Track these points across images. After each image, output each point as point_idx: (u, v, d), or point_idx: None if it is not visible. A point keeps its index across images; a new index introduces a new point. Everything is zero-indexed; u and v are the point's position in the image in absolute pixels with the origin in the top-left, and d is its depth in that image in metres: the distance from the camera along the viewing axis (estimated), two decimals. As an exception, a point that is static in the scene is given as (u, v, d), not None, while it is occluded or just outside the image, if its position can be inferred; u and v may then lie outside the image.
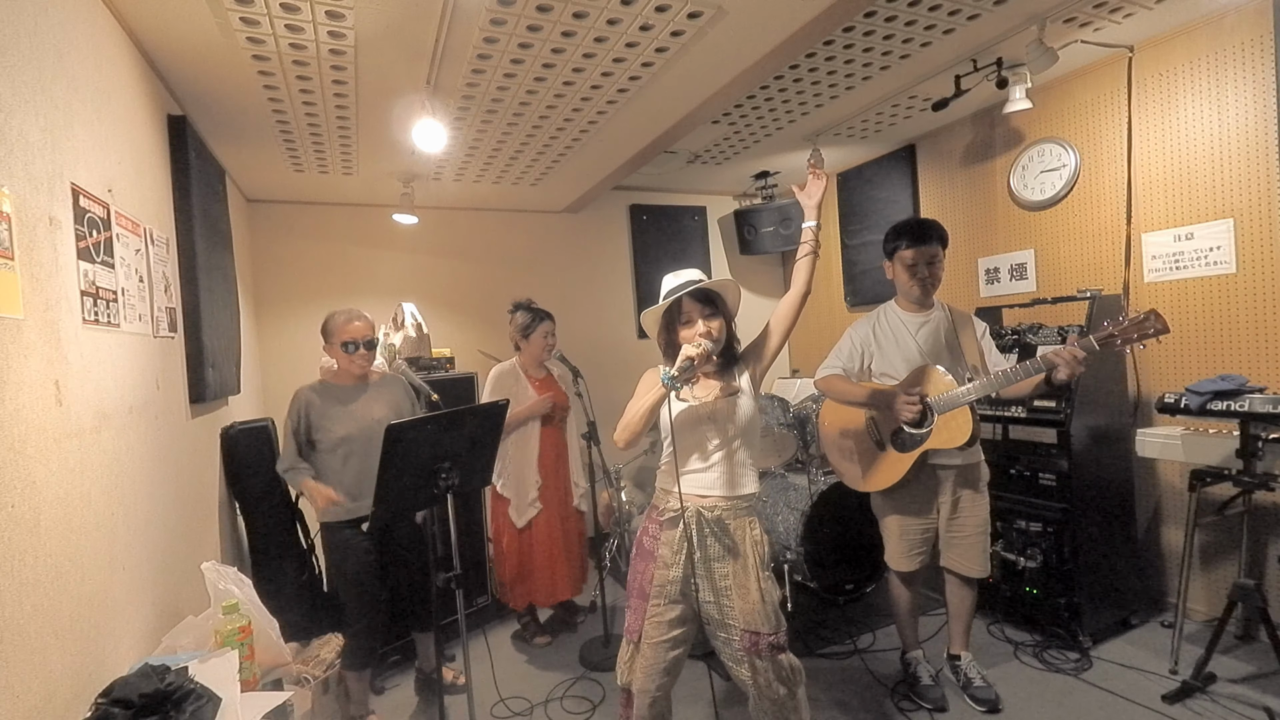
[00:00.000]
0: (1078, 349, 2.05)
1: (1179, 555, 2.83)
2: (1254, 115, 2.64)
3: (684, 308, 1.79)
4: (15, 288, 1.15)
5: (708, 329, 1.76)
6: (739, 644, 1.75)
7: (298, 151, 3.22)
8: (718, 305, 1.80)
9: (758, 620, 1.73)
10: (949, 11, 2.47)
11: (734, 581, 1.76)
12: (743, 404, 1.82)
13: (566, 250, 4.85)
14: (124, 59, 1.95)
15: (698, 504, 1.78)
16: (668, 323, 1.84)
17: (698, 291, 1.77)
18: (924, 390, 2.28)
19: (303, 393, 2.45)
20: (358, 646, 2.46)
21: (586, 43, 2.29)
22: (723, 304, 1.82)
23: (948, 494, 2.39)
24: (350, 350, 2.43)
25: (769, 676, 1.75)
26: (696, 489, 1.80)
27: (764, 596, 1.75)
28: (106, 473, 1.51)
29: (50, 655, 1.17)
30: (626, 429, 1.78)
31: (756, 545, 1.78)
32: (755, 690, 1.78)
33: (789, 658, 1.78)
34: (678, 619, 1.78)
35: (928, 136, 4.03)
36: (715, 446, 1.80)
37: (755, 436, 1.86)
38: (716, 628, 1.79)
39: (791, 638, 3.02)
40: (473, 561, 3.39)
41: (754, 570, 1.76)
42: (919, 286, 2.39)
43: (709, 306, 1.79)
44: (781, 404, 3.45)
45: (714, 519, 1.78)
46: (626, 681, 1.82)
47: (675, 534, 1.78)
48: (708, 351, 1.71)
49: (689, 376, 1.70)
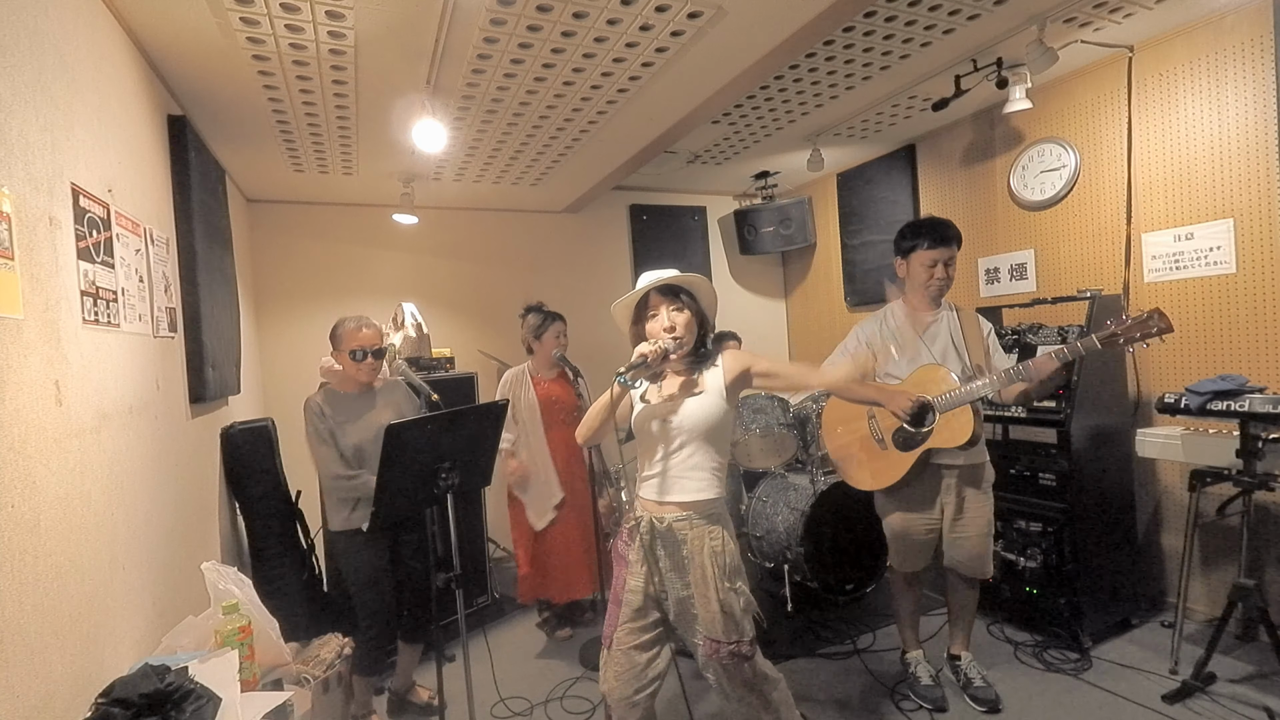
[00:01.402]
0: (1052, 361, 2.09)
1: (1179, 555, 2.83)
2: (1254, 115, 2.64)
3: (650, 301, 1.76)
4: (15, 288, 1.15)
5: (672, 323, 1.72)
6: (701, 650, 1.73)
7: (298, 151, 3.22)
8: (685, 300, 1.76)
9: (716, 629, 1.69)
10: (949, 11, 2.47)
11: (695, 591, 1.72)
12: (695, 404, 1.74)
13: (566, 250, 4.85)
14: (124, 59, 1.95)
15: (653, 511, 1.75)
16: (637, 318, 1.82)
17: (665, 286, 1.75)
18: (927, 389, 2.28)
19: (313, 402, 2.41)
20: (369, 651, 2.44)
21: (586, 43, 2.29)
22: (692, 300, 1.77)
23: (952, 494, 2.38)
24: (359, 358, 2.41)
25: (732, 683, 1.73)
26: (651, 494, 1.77)
27: (723, 607, 1.69)
28: (106, 473, 1.51)
29: (50, 655, 1.17)
30: (584, 425, 1.78)
31: (715, 555, 1.70)
32: (722, 695, 1.77)
33: (754, 665, 1.74)
34: (649, 624, 1.75)
35: (928, 136, 4.03)
36: (667, 450, 1.75)
37: (718, 438, 1.77)
38: (686, 633, 1.77)
39: (791, 637, 3.06)
40: (473, 562, 3.39)
41: (713, 581, 1.69)
42: (936, 287, 2.38)
43: (676, 300, 1.75)
44: (781, 404, 3.45)
45: (664, 529, 1.73)
46: (603, 689, 1.79)
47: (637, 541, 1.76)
48: (662, 350, 1.67)
49: (641, 374, 1.67)
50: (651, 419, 1.77)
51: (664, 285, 1.75)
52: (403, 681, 2.69)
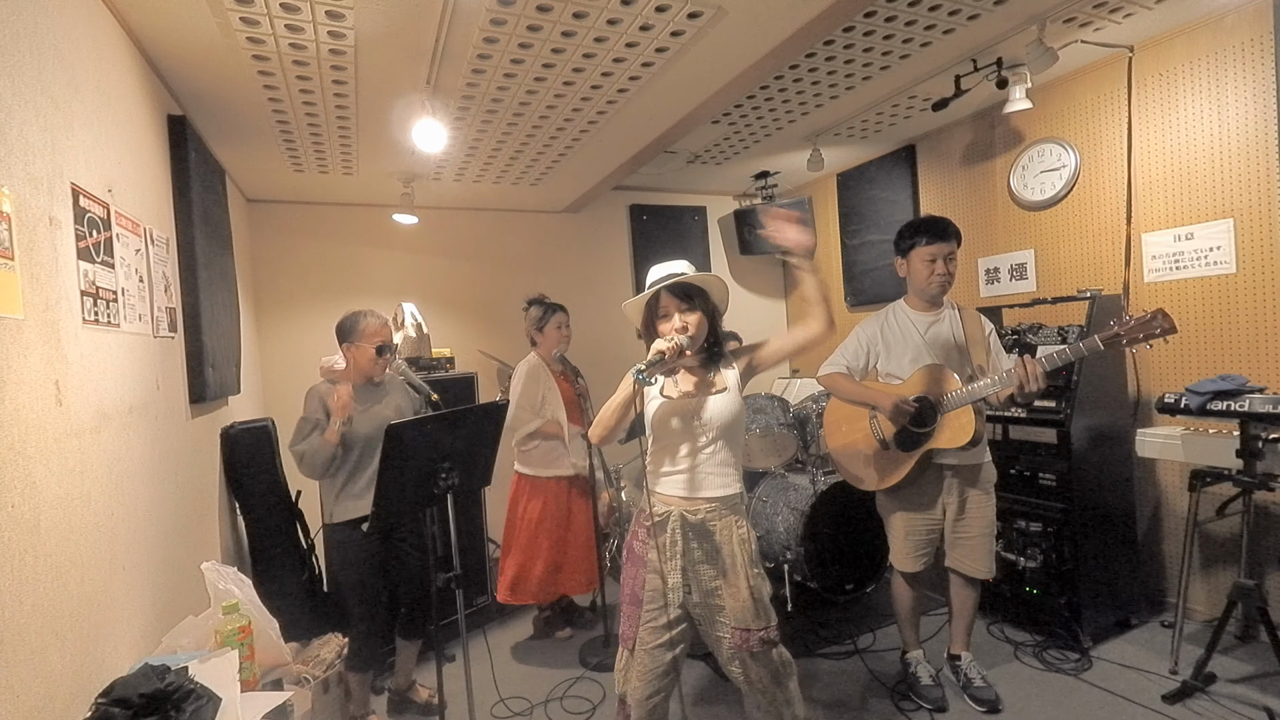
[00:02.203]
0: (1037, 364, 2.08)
1: (1179, 555, 2.83)
2: (1254, 115, 2.63)
3: (662, 302, 1.77)
4: (15, 288, 1.15)
5: (684, 324, 1.73)
6: (730, 641, 1.73)
7: (298, 151, 3.22)
8: (697, 300, 1.77)
9: (748, 617, 1.71)
10: (949, 11, 2.47)
11: (724, 581, 1.74)
12: (720, 401, 1.76)
13: (566, 250, 4.86)
14: (124, 59, 1.95)
15: (681, 507, 1.75)
16: (648, 316, 1.82)
17: (676, 286, 1.75)
18: (930, 389, 2.28)
19: (320, 388, 2.42)
20: (362, 648, 2.45)
21: (586, 43, 2.29)
22: (703, 299, 1.78)
23: (954, 493, 2.38)
24: (385, 353, 2.45)
25: (760, 672, 1.74)
26: (677, 490, 1.77)
27: (754, 594, 1.72)
28: (106, 473, 1.51)
29: (50, 655, 1.17)
30: (599, 424, 1.77)
31: (744, 543, 1.75)
32: (747, 686, 1.77)
33: (780, 651, 1.77)
34: (673, 622, 1.75)
35: (928, 136, 4.03)
36: (694, 446, 1.76)
37: (738, 435, 1.80)
38: (709, 627, 1.78)
39: (791, 637, 3.06)
40: (473, 562, 3.39)
41: (743, 568, 1.72)
42: (937, 283, 2.37)
43: (688, 301, 1.76)
44: (781, 404, 3.45)
45: (696, 522, 1.74)
46: (623, 690, 1.80)
47: (663, 538, 1.76)
48: (679, 347, 1.67)
49: (659, 371, 1.68)
50: (672, 415, 1.78)
51: (675, 285, 1.75)
52: (402, 680, 2.69)
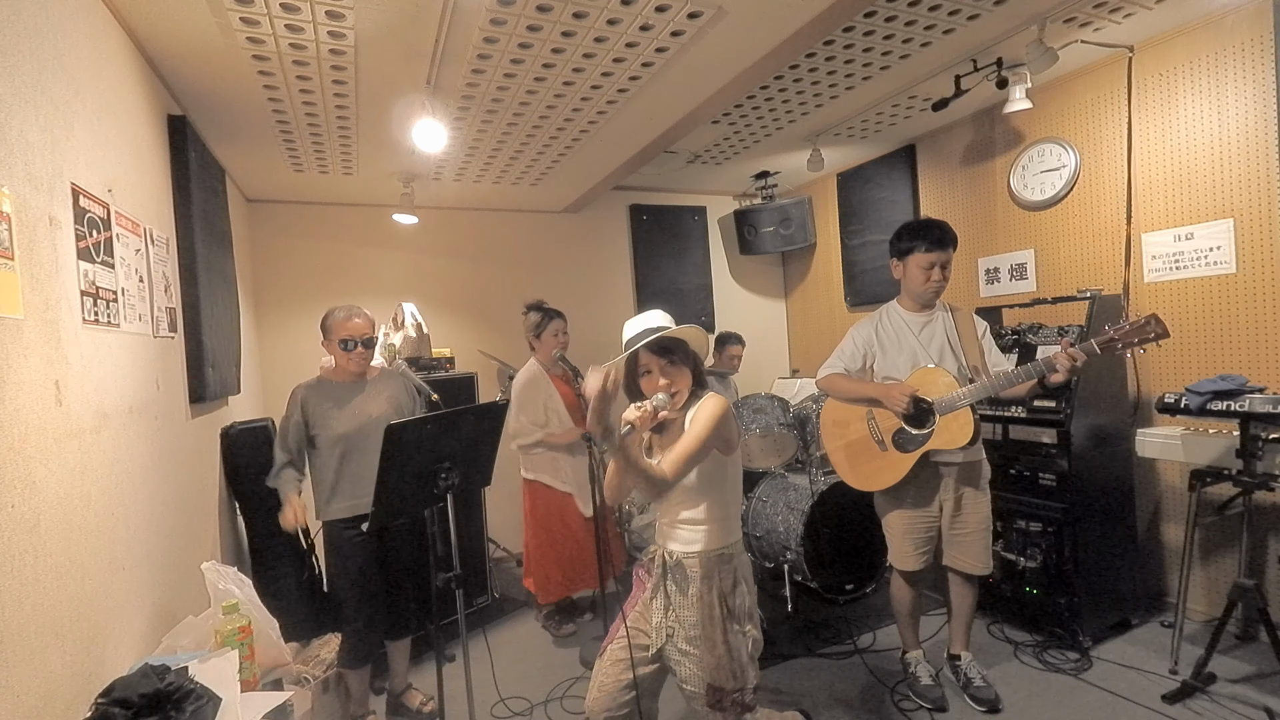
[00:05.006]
0: (1078, 351, 2.06)
1: (1179, 555, 2.83)
2: (1254, 115, 2.63)
3: (641, 360, 1.71)
4: (15, 288, 1.15)
5: (667, 380, 1.68)
6: (704, 697, 1.68)
7: (298, 151, 3.22)
8: (678, 354, 1.71)
9: (722, 675, 1.66)
10: (949, 11, 2.47)
11: (701, 633, 1.68)
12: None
13: (566, 250, 4.86)
14: (124, 59, 1.95)
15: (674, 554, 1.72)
16: (629, 374, 1.75)
17: (654, 342, 1.69)
18: (927, 391, 2.28)
19: (299, 390, 2.44)
20: (356, 644, 2.45)
21: (586, 43, 2.29)
22: (683, 351, 1.72)
23: (950, 491, 2.39)
24: (348, 348, 2.40)
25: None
26: (669, 541, 1.75)
27: (731, 652, 1.65)
28: (106, 473, 1.51)
29: (50, 655, 1.17)
30: (608, 489, 1.76)
31: (725, 598, 1.68)
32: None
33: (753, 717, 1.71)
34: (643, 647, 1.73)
35: (928, 136, 4.03)
36: (681, 501, 1.71)
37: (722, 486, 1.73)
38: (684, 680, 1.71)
39: (791, 637, 3.06)
40: (473, 562, 3.39)
41: (719, 624, 1.65)
42: (933, 289, 2.38)
43: (666, 356, 1.69)
44: (781, 404, 3.45)
45: (675, 568, 1.71)
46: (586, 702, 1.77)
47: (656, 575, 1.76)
48: (652, 411, 1.59)
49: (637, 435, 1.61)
50: None
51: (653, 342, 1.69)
52: (398, 683, 2.68)
